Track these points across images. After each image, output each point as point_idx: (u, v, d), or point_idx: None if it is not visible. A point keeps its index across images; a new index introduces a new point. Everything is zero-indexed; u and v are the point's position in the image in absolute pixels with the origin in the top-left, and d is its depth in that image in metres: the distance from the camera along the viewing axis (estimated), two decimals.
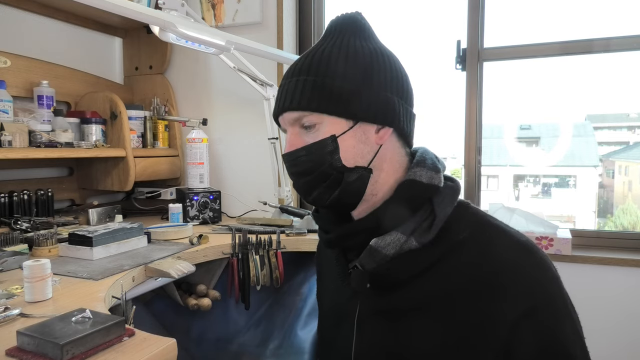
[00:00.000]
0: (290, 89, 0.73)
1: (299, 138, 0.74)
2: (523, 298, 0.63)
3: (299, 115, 0.72)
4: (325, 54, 0.73)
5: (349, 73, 0.71)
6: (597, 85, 2.01)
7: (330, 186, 0.72)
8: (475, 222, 0.72)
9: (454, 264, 0.68)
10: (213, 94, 2.17)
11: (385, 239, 0.69)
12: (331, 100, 0.70)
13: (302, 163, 0.73)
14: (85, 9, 1.91)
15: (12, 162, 1.68)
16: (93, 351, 0.72)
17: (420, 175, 0.72)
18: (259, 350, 1.58)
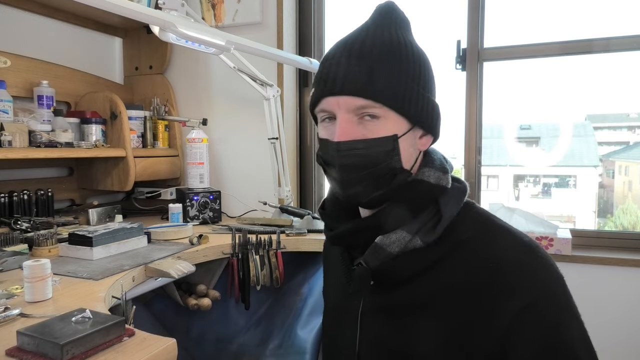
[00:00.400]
0: (360, 73, 0.67)
1: (354, 127, 0.68)
2: (526, 295, 0.63)
3: (367, 104, 0.67)
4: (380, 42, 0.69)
5: (416, 71, 0.69)
6: (597, 85, 2.01)
7: (378, 186, 0.70)
8: (479, 221, 0.72)
9: (457, 262, 0.68)
10: (213, 94, 2.17)
11: (391, 237, 0.69)
12: (405, 97, 0.67)
13: (357, 156, 0.68)
14: (85, 9, 1.91)
15: (12, 162, 1.68)
16: (93, 351, 0.72)
17: (428, 175, 0.72)
18: (258, 350, 1.58)
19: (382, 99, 0.67)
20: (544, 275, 0.65)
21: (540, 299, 0.63)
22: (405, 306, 0.70)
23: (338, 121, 0.69)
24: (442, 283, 0.68)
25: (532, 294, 0.63)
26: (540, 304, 0.63)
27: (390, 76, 0.67)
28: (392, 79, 0.67)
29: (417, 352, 0.68)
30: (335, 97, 0.68)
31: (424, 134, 0.73)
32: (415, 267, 0.69)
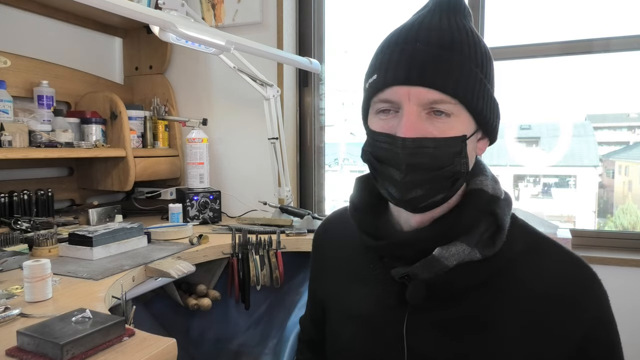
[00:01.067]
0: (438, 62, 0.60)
1: (422, 124, 0.61)
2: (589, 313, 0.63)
3: (441, 98, 0.60)
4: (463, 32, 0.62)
5: (486, 66, 0.63)
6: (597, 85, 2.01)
7: (439, 189, 0.63)
8: (526, 234, 0.70)
9: (511, 277, 0.65)
10: (213, 94, 2.17)
11: (450, 249, 0.64)
12: (476, 94, 0.61)
13: (425, 155, 0.61)
14: (85, 9, 1.91)
15: (12, 162, 1.68)
16: (93, 351, 0.72)
17: (486, 184, 0.67)
18: (258, 350, 1.58)
19: (459, 95, 0.60)
20: (598, 292, 0.65)
21: (602, 321, 0.64)
22: (461, 321, 0.66)
23: (405, 114, 0.61)
24: (498, 299, 0.65)
25: (594, 313, 0.63)
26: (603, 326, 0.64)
27: (464, 69, 0.60)
28: (466, 72, 0.61)
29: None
30: (406, 87, 0.61)
31: (482, 136, 0.67)
32: (470, 280, 0.65)
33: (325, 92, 2.18)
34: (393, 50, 0.63)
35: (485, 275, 0.65)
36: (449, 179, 0.63)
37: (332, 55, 2.18)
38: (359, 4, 2.28)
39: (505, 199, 0.69)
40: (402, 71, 0.61)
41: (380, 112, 0.65)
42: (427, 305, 0.67)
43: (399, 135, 0.61)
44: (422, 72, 0.60)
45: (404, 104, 0.61)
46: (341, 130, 2.53)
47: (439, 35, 0.61)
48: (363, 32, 2.34)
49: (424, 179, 0.62)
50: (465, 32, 0.63)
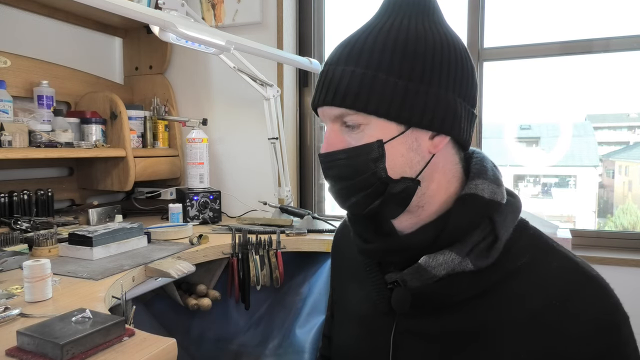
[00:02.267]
0: (333, 79, 0.62)
1: (339, 137, 0.64)
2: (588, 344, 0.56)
3: (342, 112, 0.62)
4: (371, 38, 0.62)
5: (406, 67, 0.60)
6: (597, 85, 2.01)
7: (371, 195, 0.63)
8: (535, 245, 0.64)
9: (510, 292, 0.61)
10: (213, 94, 2.17)
11: (438, 258, 0.61)
12: (382, 101, 0.60)
13: (340, 167, 0.64)
14: (85, 9, 1.91)
15: (12, 162, 1.68)
16: (93, 351, 0.72)
17: (482, 189, 0.63)
18: (258, 350, 1.58)
19: (359, 106, 0.60)
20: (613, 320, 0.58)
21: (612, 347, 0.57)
22: (447, 333, 0.63)
23: (326, 132, 0.66)
24: (491, 314, 0.61)
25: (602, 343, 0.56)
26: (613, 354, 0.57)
27: (364, 77, 0.60)
28: (368, 80, 0.60)
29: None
30: (320, 108, 0.65)
31: (434, 134, 0.62)
32: (461, 292, 0.62)
33: None
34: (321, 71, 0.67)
35: (478, 288, 0.61)
36: (374, 185, 0.62)
37: None
38: (359, 4, 2.27)
39: (509, 205, 0.65)
40: (315, 94, 0.66)
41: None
42: (415, 314, 0.66)
43: (320, 152, 0.67)
44: (324, 92, 0.63)
45: (325, 121, 0.66)
46: None
47: (344, 50, 0.63)
48: None
49: (346, 187, 0.64)
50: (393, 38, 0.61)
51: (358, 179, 0.63)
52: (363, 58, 0.61)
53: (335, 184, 0.66)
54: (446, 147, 0.64)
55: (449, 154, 0.65)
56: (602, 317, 0.57)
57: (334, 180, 0.66)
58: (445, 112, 0.61)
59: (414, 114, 0.61)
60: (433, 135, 0.63)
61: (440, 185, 0.64)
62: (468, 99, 0.64)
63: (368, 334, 0.72)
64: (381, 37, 0.61)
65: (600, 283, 0.60)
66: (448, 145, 0.64)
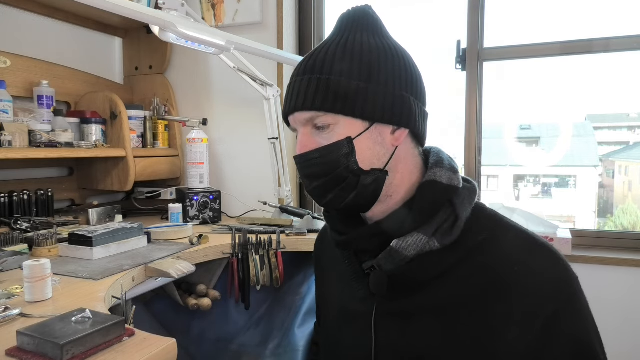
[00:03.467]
0: (301, 87, 0.70)
1: (311, 139, 0.71)
2: (548, 300, 0.63)
3: (312, 115, 0.70)
4: (331, 50, 0.70)
5: (364, 71, 0.69)
6: (597, 85, 2.01)
7: (346, 189, 0.70)
8: (492, 222, 0.72)
9: (473, 266, 0.67)
10: (213, 94, 2.17)
11: (407, 240, 0.68)
12: (347, 101, 0.68)
13: (315, 165, 0.70)
14: (85, 9, 1.91)
15: (12, 162, 1.68)
16: (93, 351, 0.72)
17: (440, 175, 0.71)
18: (258, 350, 1.58)
19: (327, 107, 0.68)
20: (563, 277, 0.66)
21: (565, 306, 0.64)
22: (423, 310, 0.69)
23: (298, 135, 0.72)
24: (457, 287, 0.67)
25: (554, 301, 0.63)
26: (565, 312, 0.64)
27: (329, 82, 0.68)
28: (333, 84, 0.68)
29: (434, 356, 0.68)
30: (291, 115, 0.72)
31: (395, 128, 0.71)
32: (432, 270, 0.68)
33: None
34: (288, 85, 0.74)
35: (446, 264, 0.68)
36: (347, 179, 0.69)
37: None
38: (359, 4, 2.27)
39: (466, 188, 0.72)
40: (286, 103, 0.73)
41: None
42: (393, 296, 0.72)
43: (295, 155, 0.73)
44: (294, 100, 0.70)
45: (296, 126, 0.73)
46: None
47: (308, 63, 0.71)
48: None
49: (322, 184, 0.71)
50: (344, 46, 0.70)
51: (332, 175, 0.69)
52: (326, 67, 0.69)
53: (312, 182, 0.72)
54: (406, 141, 0.73)
55: (409, 147, 0.74)
56: (559, 274, 0.66)
57: (310, 178, 0.72)
58: (402, 108, 0.70)
59: (376, 111, 0.69)
60: (394, 130, 0.71)
61: (404, 176, 0.73)
62: (420, 98, 0.73)
63: (351, 320, 0.78)
64: (340, 49, 0.70)
65: (550, 248, 0.68)
66: (407, 139, 0.73)
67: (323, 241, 0.95)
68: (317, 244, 0.97)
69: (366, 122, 0.69)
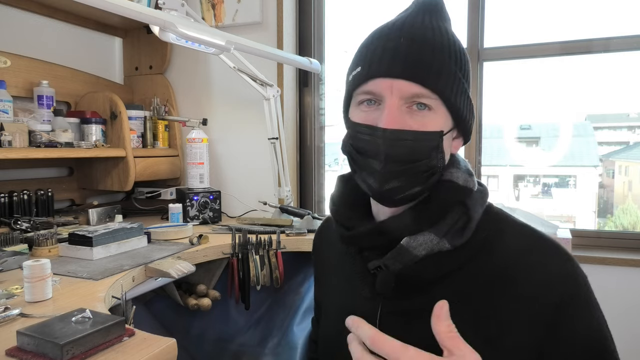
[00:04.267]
0: (421, 56, 0.62)
1: (402, 116, 0.63)
2: (555, 292, 0.62)
3: (421, 92, 0.62)
4: (444, 33, 0.65)
5: (465, 68, 0.66)
6: (597, 85, 2.01)
7: (415, 182, 0.65)
8: (499, 220, 0.71)
9: (479, 263, 0.66)
10: (213, 94, 2.17)
11: (418, 239, 0.65)
12: (456, 92, 0.64)
13: (404, 147, 0.63)
14: (85, 9, 1.91)
15: (12, 162, 1.68)
16: (93, 351, 0.72)
17: (457, 176, 0.69)
18: (258, 350, 1.58)
19: (440, 89, 0.62)
20: (572, 271, 0.65)
21: (575, 295, 0.64)
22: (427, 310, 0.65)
23: (386, 107, 0.63)
24: (467, 284, 0.66)
25: (566, 291, 0.63)
26: (574, 304, 0.63)
27: (444, 66, 0.63)
28: (446, 69, 0.63)
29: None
30: (389, 80, 0.63)
31: (458, 135, 0.69)
32: (440, 270, 0.66)
33: (325, 92, 2.18)
34: (377, 45, 0.65)
35: (455, 264, 0.66)
36: (425, 173, 0.65)
37: (332, 55, 2.18)
38: (359, 4, 2.28)
39: (479, 191, 0.71)
40: (385, 64, 0.63)
41: (361, 103, 0.67)
42: (399, 296, 0.69)
43: (379, 126, 0.63)
44: (405, 66, 0.62)
45: (386, 96, 0.63)
46: (341, 130, 2.53)
47: (421, 33, 0.64)
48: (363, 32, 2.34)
49: (401, 171, 0.64)
50: (446, 33, 0.66)
51: (416, 164, 0.64)
52: (438, 45, 0.63)
53: (392, 163, 0.64)
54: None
55: None
56: (565, 268, 0.65)
57: (392, 159, 0.64)
58: (471, 116, 0.69)
59: (465, 115, 0.67)
60: (456, 137, 0.69)
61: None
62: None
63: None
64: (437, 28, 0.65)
65: (555, 243, 0.68)
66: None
67: (322, 238, 0.93)
68: (315, 241, 0.95)
69: (453, 120, 0.67)
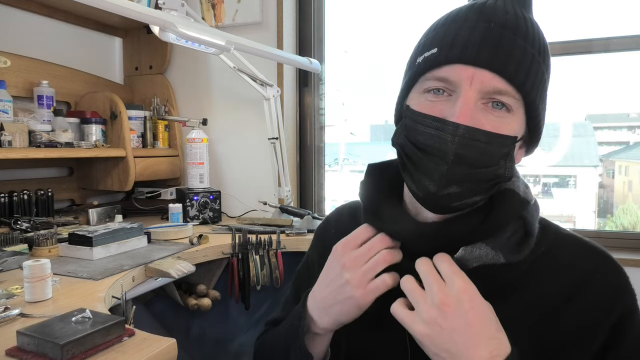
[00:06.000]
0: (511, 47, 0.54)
1: (477, 113, 0.55)
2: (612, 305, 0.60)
3: (506, 88, 0.54)
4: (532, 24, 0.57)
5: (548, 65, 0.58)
6: (597, 85, 2.01)
7: (477, 190, 0.57)
8: (551, 234, 0.66)
9: (534, 278, 0.62)
10: (213, 94, 2.17)
11: (474, 251, 0.58)
12: (541, 96, 0.57)
13: (475, 148, 0.54)
14: (85, 9, 1.91)
15: (12, 162, 1.68)
16: (93, 351, 0.72)
17: (517, 186, 0.62)
18: None
19: (527, 90, 0.54)
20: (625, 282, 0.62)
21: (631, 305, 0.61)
22: None
23: (462, 98, 0.54)
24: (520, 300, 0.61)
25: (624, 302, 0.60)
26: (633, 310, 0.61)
27: (534, 62, 0.54)
28: (535, 66, 0.55)
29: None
30: (471, 68, 0.54)
31: (522, 145, 0.62)
32: (489, 284, 0.60)
33: (325, 92, 2.18)
34: (461, 26, 0.56)
35: (506, 279, 0.61)
36: (490, 181, 0.57)
37: (332, 55, 2.19)
38: (359, 4, 2.28)
39: (535, 205, 0.65)
40: (470, 49, 0.54)
41: (429, 91, 0.58)
42: None
43: (451, 120, 0.54)
44: (493, 55, 0.53)
45: (463, 87, 0.54)
46: (341, 130, 2.53)
47: (513, 20, 0.55)
48: (363, 32, 2.34)
49: (467, 175, 0.56)
50: (532, 25, 0.57)
51: (483, 170, 0.56)
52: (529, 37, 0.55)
53: (458, 165, 0.55)
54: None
55: None
56: (619, 279, 0.61)
57: (460, 160, 0.55)
58: (541, 123, 0.61)
59: (541, 121, 0.60)
60: (520, 146, 0.62)
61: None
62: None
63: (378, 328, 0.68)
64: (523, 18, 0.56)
65: (608, 255, 0.64)
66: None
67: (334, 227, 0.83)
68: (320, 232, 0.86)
69: (527, 127, 0.59)
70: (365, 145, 2.94)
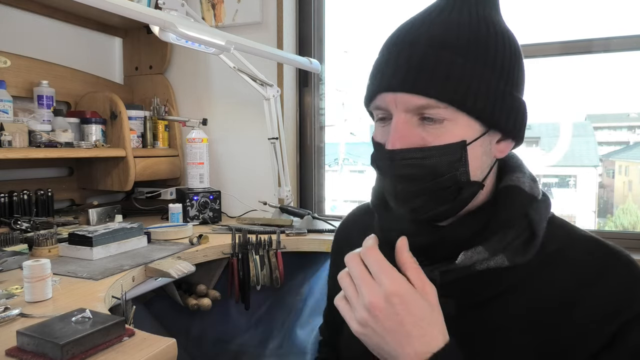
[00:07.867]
0: (414, 61, 0.55)
1: (413, 131, 0.56)
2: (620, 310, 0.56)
3: (428, 103, 0.55)
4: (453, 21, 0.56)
5: (498, 62, 0.56)
6: (597, 85, 2.01)
7: (440, 200, 0.58)
8: (563, 233, 0.63)
9: (542, 280, 0.60)
10: (213, 94, 2.17)
11: (474, 256, 0.58)
12: (479, 95, 0.55)
13: (415, 167, 0.56)
14: (85, 9, 1.91)
15: (12, 162, 1.68)
16: (93, 351, 0.72)
17: (523, 182, 0.61)
18: (258, 350, 1.58)
19: (449, 98, 0.54)
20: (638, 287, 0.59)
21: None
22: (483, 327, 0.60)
23: (393, 123, 0.57)
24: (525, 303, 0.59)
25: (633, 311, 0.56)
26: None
27: (462, 69, 0.54)
28: (464, 72, 0.54)
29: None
30: (392, 94, 0.56)
31: (502, 138, 0.60)
32: (494, 288, 0.60)
33: (325, 92, 2.18)
34: (382, 54, 0.60)
35: (512, 281, 0.60)
36: (449, 188, 0.57)
37: (332, 55, 2.18)
38: (359, 4, 2.28)
39: (543, 201, 0.63)
40: (387, 77, 0.57)
41: (379, 119, 0.62)
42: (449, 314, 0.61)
43: (386, 147, 0.58)
44: (406, 77, 0.55)
45: (393, 111, 0.58)
46: (341, 130, 2.53)
47: (438, 31, 0.56)
48: (363, 32, 2.34)
49: (418, 190, 0.58)
50: (477, 25, 0.57)
51: (434, 182, 0.57)
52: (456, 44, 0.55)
53: (403, 183, 0.58)
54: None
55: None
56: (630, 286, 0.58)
57: (403, 179, 0.58)
58: (522, 115, 0.60)
59: (499, 116, 0.57)
60: (500, 139, 0.61)
61: (489, 184, 0.62)
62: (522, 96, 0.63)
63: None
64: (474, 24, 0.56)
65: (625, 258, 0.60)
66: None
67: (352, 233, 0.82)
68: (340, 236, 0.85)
69: (483, 125, 0.57)
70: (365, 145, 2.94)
